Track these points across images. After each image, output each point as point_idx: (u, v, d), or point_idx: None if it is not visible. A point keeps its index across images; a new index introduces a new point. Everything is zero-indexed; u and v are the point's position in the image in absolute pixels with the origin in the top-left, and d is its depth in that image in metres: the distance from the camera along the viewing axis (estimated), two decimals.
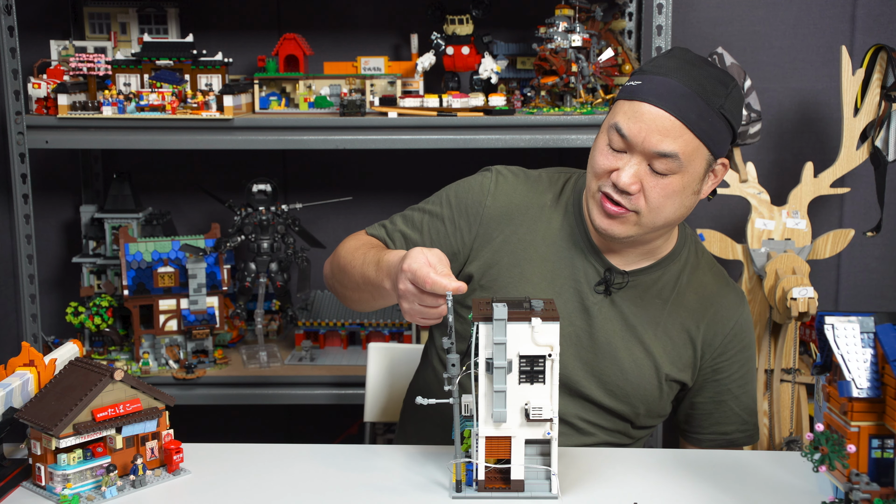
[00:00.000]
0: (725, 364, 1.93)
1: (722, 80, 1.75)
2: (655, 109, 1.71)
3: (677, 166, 1.72)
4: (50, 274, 3.20)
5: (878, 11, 2.99)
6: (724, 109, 1.74)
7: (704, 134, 1.72)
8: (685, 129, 1.71)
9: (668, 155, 1.71)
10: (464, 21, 2.70)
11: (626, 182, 1.73)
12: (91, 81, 2.74)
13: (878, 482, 1.42)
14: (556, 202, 1.93)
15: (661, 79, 1.73)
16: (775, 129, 3.05)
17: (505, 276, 1.88)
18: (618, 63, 2.71)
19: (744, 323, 1.95)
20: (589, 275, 1.88)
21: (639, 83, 1.75)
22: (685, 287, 1.91)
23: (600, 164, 1.78)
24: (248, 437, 3.19)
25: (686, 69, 1.74)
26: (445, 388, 1.56)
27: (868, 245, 3.09)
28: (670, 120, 1.70)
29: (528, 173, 1.98)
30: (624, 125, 1.73)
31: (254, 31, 3.06)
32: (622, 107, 1.76)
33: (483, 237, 1.91)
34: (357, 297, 1.93)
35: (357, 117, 2.66)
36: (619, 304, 1.88)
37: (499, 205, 1.92)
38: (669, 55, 1.78)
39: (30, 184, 2.67)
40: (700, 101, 1.71)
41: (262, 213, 2.78)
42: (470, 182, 1.97)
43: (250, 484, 1.65)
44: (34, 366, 1.68)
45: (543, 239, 1.90)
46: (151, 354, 2.75)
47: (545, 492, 1.57)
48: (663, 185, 1.74)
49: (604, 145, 1.78)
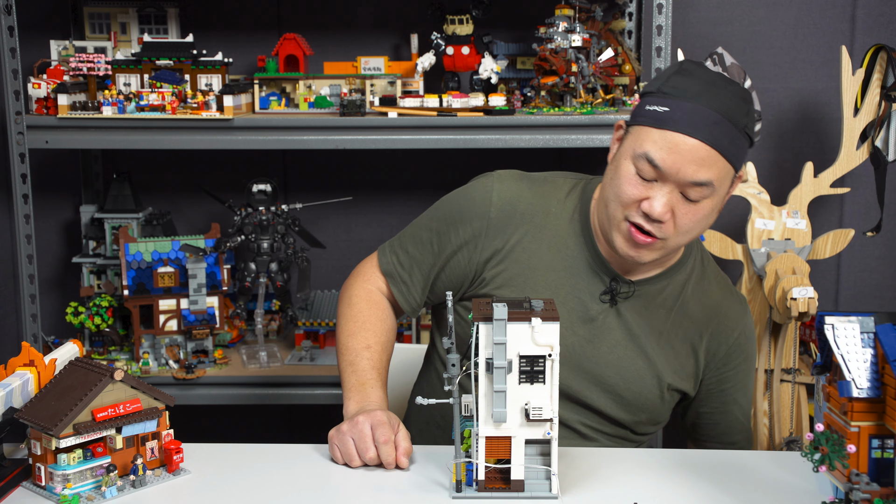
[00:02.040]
0: (730, 374, 1.93)
1: (742, 97, 1.74)
2: (691, 140, 1.68)
3: (710, 192, 1.72)
4: (50, 274, 3.20)
5: (878, 11, 2.99)
6: (748, 129, 1.73)
7: (734, 157, 1.72)
8: (719, 157, 1.70)
9: (703, 183, 1.70)
10: (464, 21, 2.70)
11: (660, 213, 1.71)
12: (91, 81, 2.74)
13: (878, 482, 1.42)
14: (561, 211, 1.90)
15: (691, 105, 1.69)
16: (775, 129, 3.05)
17: (513, 283, 1.87)
18: (618, 63, 2.71)
19: (748, 333, 1.95)
20: (594, 284, 1.86)
21: (666, 110, 1.70)
22: (690, 297, 1.90)
23: (629, 194, 1.74)
24: (248, 437, 3.19)
25: (711, 91, 1.71)
26: (445, 388, 1.56)
27: (868, 245, 3.09)
28: (706, 150, 1.69)
29: (532, 177, 1.95)
30: (657, 156, 1.70)
31: (254, 31, 3.06)
32: (651, 135, 1.71)
33: (490, 249, 1.89)
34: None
35: (357, 117, 2.65)
36: (624, 313, 1.87)
37: (501, 212, 1.89)
38: (687, 75, 1.74)
39: (30, 184, 2.67)
40: (730, 126, 1.70)
41: (262, 213, 2.78)
42: (473, 191, 1.93)
43: (250, 484, 1.65)
44: (34, 366, 1.68)
45: (549, 248, 1.88)
46: (151, 354, 2.75)
47: (545, 492, 1.57)
48: (695, 210, 1.73)
49: (631, 174, 1.74)
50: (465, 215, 1.91)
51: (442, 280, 1.94)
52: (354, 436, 1.70)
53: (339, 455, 1.71)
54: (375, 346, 1.90)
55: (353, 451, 1.69)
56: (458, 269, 1.91)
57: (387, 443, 1.68)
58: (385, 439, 1.68)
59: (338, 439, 1.72)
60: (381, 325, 1.94)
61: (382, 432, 1.68)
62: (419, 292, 1.96)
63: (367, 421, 1.70)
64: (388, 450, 1.68)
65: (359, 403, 1.80)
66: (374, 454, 1.68)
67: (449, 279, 1.93)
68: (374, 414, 1.72)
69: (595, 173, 3.20)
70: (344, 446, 1.70)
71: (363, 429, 1.69)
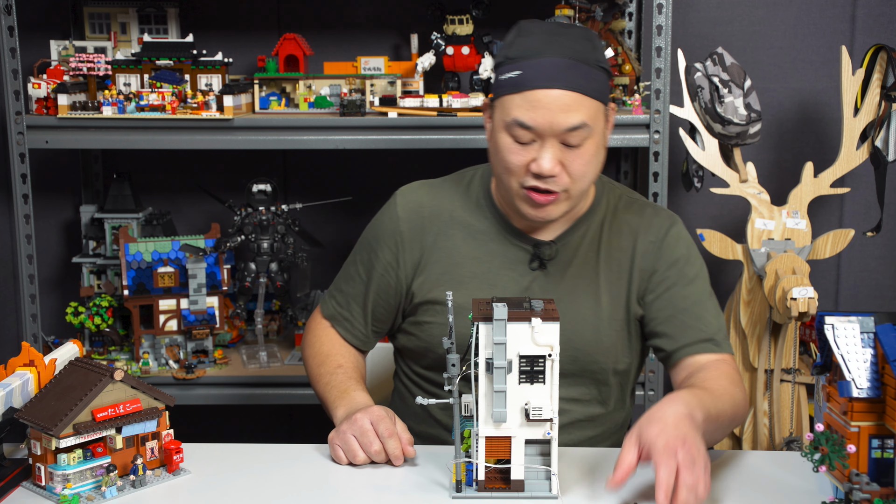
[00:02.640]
0: (662, 281, 1.92)
1: (584, 36, 1.81)
2: (551, 92, 1.74)
3: (588, 132, 1.77)
4: (50, 274, 3.20)
5: (878, 11, 2.99)
6: (600, 62, 1.79)
7: (597, 92, 1.78)
8: (583, 97, 1.76)
9: (577, 127, 1.75)
10: (464, 21, 2.70)
11: (549, 168, 1.77)
12: (91, 81, 2.74)
13: (878, 482, 1.42)
14: (466, 201, 1.96)
15: (539, 60, 1.76)
16: (775, 129, 3.05)
17: (439, 285, 1.92)
18: (618, 63, 2.71)
19: (671, 239, 1.94)
20: (520, 257, 1.92)
21: (520, 73, 1.76)
22: (610, 233, 1.94)
23: (515, 162, 1.80)
24: (248, 437, 3.19)
25: (553, 41, 1.77)
26: (445, 388, 1.56)
27: (868, 245, 3.09)
28: (567, 95, 1.74)
29: (431, 183, 2.03)
30: (526, 117, 1.76)
31: (254, 31, 3.06)
32: (514, 101, 1.77)
33: (411, 261, 1.95)
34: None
35: (357, 117, 2.65)
36: (556, 272, 1.91)
37: (409, 223, 1.96)
38: (527, 34, 1.80)
39: (30, 184, 2.67)
40: (581, 66, 1.76)
41: (262, 213, 2.78)
42: (381, 217, 2.01)
43: (250, 484, 1.65)
44: (34, 366, 1.68)
45: (464, 239, 1.93)
46: (151, 354, 2.75)
47: (545, 492, 1.57)
48: (581, 154, 1.78)
49: (509, 143, 1.80)
50: (381, 238, 1.98)
51: (380, 305, 2.00)
52: (356, 433, 1.70)
53: (341, 455, 1.71)
54: (347, 365, 1.96)
55: (356, 447, 1.69)
56: (389, 290, 1.97)
57: (391, 436, 1.69)
58: (389, 433, 1.69)
59: (339, 439, 1.72)
60: (347, 351, 2.01)
61: (385, 426, 1.69)
62: (362, 324, 2.02)
63: (365, 417, 1.71)
64: (394, 443, 1.68)
65: (347, 407, 1.81)
66: (378, 447, 1.68)
67: (385, 302, 1.99)
68: (370, 410, 1.72)
69: None
70: (346, 444, 1.70)
71: (363, 424, 1.70)
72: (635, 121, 2.59)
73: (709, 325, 1.92)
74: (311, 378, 2.00)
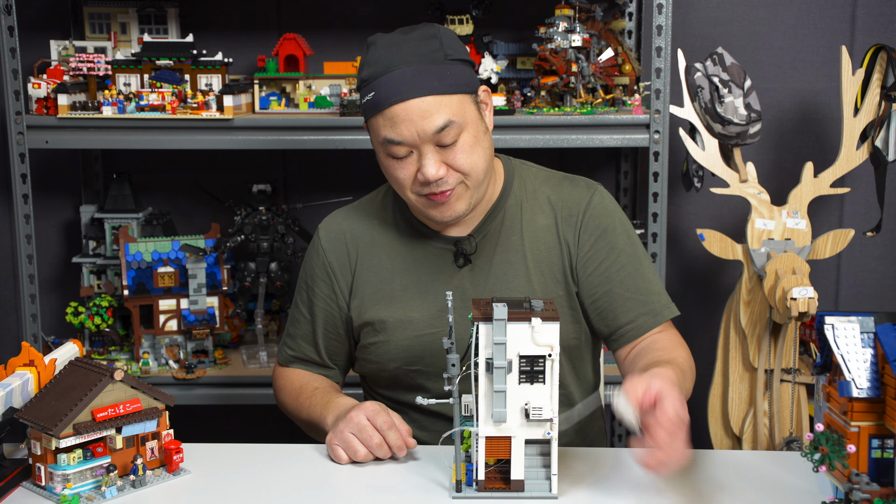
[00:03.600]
0: (591, 254, 1.92)
1: (426, 36, 1.80)
2: (405, 104, 1.75)
3: (458, 127, 1.78)
4: (50, 274, 3.20)
5: (878, 11, 2.99)
6: (449, 56, 1.79)
7: (453, 87, 1.78)
8: (440, 97, 1.76)
9: (444, 126, 1.76)
10: (464, 21, 2.70)
11: (433, 173, 1.78)
12: (91, 81, 2.74)
13: (878, 482, 1.42)
14: (383, 217, 1.99)
15: (386, 77, 1.76)
16: (775, 129, 3.05)
17: (373, 305, 1.94)
18: (618, 63, 2.71)
19: (593, 209, 1.94)
20: (444, 258, 1.93)
21: (374, 94, 1.78)
22: (532, 212, 1.94)
23: (401, 177, 1.82)
24: (248, 437, 3.18)
25: (395, 53, 1.78)
26: (445, 388, 1.56)
27: (868, 245, 3.09)
28: (422, 101, 1.75)
29: (349, 208, 2.05)
30: (392, 134, 1.77)
31: (254, 31, 3.06)
32: (377, 121, 1.79)
33: (346, 287, 1.97)
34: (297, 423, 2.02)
35: (357, 117, 2.65)
36: (482, 264, 1.92)
37: (335, 253, 1.98)
38: (373, 48, 1.81)
39: (30, 184, 2.67)
40: (429, 67, 1.77)
41: (262, 213, 2.78)
42: (309, 255, 2.03)
43: (250, 484, 1.65)
44: (34, 366, 1.69)
45: (387, 254, 1.95)
46: (151, 354, 2.75)
47: (545, 492, 1.57)
48: (460, 148, 1.79)
49: (391, 161, 1.82)
50: (312, 274, 2.00)
51: (331, 339, 2.02)
52: (353, 430, 1.70)
53: (341, 454, 1.71)
54: (323, 386, 1.97)
55: (356, 444, 1.69)
56: (336, 322, 1.99)
57: (390, 427, 1.69)
58: (388, 424, 1.69)
59: (337, 439, 1.72)
60: (319, 377, 2.02)
61: (382, 419, 1.70)
62: (319, 360, 2.03)
63: (360, 413, 1.71)
64: (395, 434, 1.69)
65: (335, 412, 1.80)
66: (379, 440, 1.69)
67: (336, 334, 2.01)
68: (363, 406, 1.73)
69: (595, 172, 3.20)
70: (346, 442, 1.70)
71: (360, 420, 1.70)
72: (635, 121, 2.59)
73: (647, 294, 1.91)
74: (292, 412, 2.00)
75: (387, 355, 1.93)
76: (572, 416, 1.71)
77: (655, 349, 1.86)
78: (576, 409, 1.73)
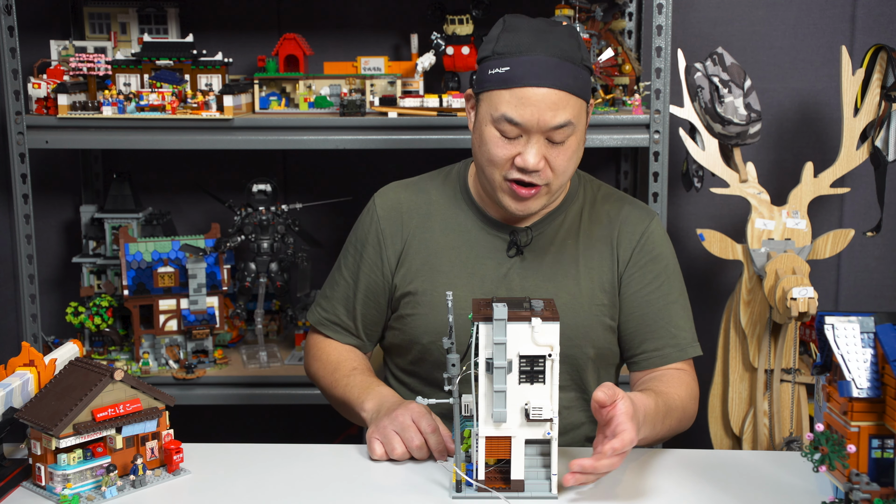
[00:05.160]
0: (637, 275, 1.95)
1: (570, 34, 1.83)
2: (540, 90, 1.78)
3: (572, 130, 1.81)
4: (50, 274, 3.20)
5: (878, 11, 2.99)
6: (584, 61, 1.83)
7: (581, 91, 1.82)
8: (569, 96, 1.79)
9: (564, 125, 1.79)
10: (464, 21, 2.70)
11: (534, 163, 1.80)
12: (91, 81, 2.74)
13: (878, 482, 1.42)
14: (443, 194, 2.00)
15: (528, 58, 1.79)
16: (775, 129, 3.05)
17: (419, 276, 1.95)
18: (618, 63, 2.71)
19: (651, 234, 1.98)
20: (497, 245, 1.95)
21: (508, 69, 1.79)
22: (590, 222, 1.97)
23: (500, 156, 1.83)
24: (248, 437, 3.19)
25: (542, 39, 1.80)
26: (445, 388, 1.56)
27: (868, 245, 3.09)
28: (555, 94, 1.78)
29: (407, 181, 2.07)
30: (514, 114, 1.79)
31: (254, 31, 3.06)
32: (502, 97, 1.80)
33: (394, 256, 1.98)
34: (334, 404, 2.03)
35: (357, 117, 2.65)
36: (533, 258, 1.94)
37: (389, 220, 1.99)
38: (514, 30, 1.83)
39: (30, 184, 2.67)
40: (569, 65, 1.80)
41: (262, 213, 2.78)
42: (362, 220, 2.04)
43: (250, 484, 1.65)
44: (34, 366, 1.69)
45: (442, 231, 1.97)
46: (151, 354, 2.75)
47: (545, 492, 1.57)
48: (564, 150, 1.82)
49: (496, 137, 1.83)
50: (363, 239, 2.01)
51: (370, 307, 2.02)
52: (397, 428, 1.71)
53: (377, 449, 1.71)
54: (361, 367, 1.98)
55: (396, 442, 1.70)
56: (378, 290, 2.00)
57: (434, 431, 1.70)
58: (432, 428, 1.70)
59: (379, 433, 1.72)
60: (356, 355, 2.03)
61: (427, 422, 1.71)
62: (352, 326, 2.04)
63: (407, 413, 1.72)
64: (437, 438, 1.70)
65: (376, 400, 1.82)
66: (420, 442, 1.69)
67: (375, 303, 2.02)
68: (410, 406, 1.74)
69: (595, 172, 3.20)
70: (387, 439, 1.71)
71: (404, 420, 1.71)
72: (635, 121, 2.59)
73: (678, 328, 1.96)
74: (326, 387, 2.00)
75: (422, 328, 1.94)
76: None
77: (663, 380, 1.90)
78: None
